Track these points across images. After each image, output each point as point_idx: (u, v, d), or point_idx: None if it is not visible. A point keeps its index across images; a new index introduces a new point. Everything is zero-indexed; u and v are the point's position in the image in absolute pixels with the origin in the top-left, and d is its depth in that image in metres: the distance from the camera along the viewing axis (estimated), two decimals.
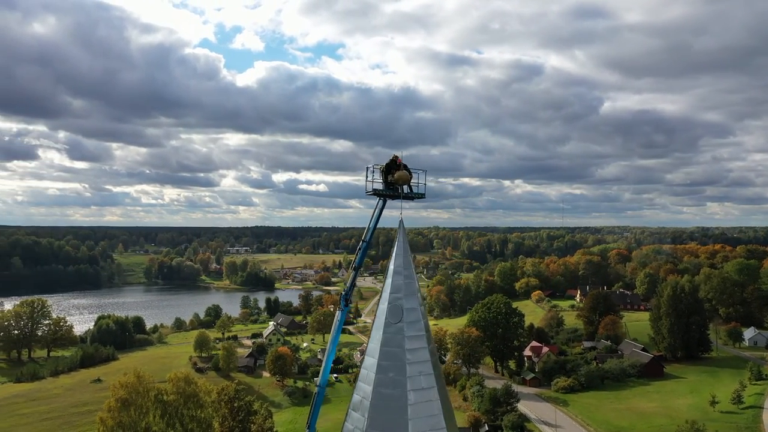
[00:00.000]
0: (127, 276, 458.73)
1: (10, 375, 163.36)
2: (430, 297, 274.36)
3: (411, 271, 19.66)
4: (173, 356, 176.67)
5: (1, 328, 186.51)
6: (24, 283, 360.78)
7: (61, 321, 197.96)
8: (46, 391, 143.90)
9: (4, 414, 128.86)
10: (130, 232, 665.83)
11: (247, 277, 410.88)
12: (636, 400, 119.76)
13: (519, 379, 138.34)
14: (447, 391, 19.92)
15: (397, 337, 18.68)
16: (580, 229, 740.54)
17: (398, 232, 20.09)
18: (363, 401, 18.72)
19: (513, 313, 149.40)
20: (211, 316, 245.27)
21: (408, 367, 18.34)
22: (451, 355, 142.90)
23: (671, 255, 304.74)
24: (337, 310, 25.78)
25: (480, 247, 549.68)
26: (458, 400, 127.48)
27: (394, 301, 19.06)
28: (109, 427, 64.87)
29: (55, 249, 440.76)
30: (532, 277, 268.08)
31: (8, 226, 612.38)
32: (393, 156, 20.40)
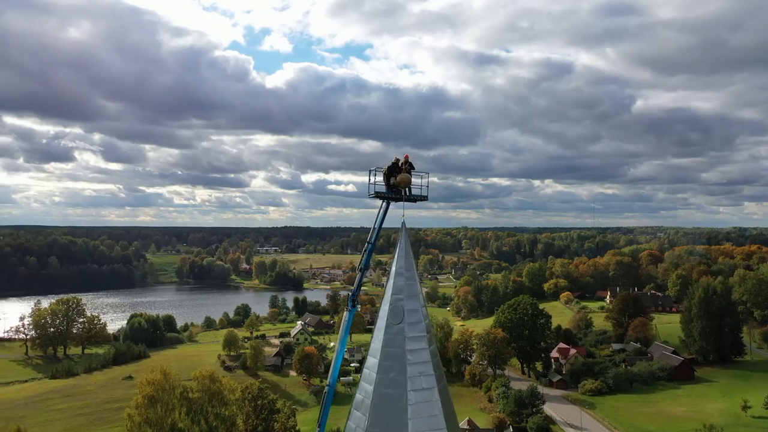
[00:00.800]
0: (159, 275, 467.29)
1: (46, 371, 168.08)
2: (458, 297, 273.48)
3: (413, 273, 19.93)
4: (202, 354, 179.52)
5: (38, 325, 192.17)
6: (61, 282, 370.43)
7: (95, 319, 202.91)
8: (80, 387, 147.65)
9: (40, 409, 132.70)
10: (162, 232, 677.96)
11: (276, 277, 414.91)
12: (665, 403, 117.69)
13: (545, 380, 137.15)
14: (449, 392, 20.14)
15: (398, 338, 18.98)
16: (611, 230, 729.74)
17: (400, 234, 20.35)
18: (365, 400, 19.07)
19: (540, 314, 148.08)
20: (240, 316, 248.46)
21: (408, 368, 18.62)
22: (477, 356, 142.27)
23: (705, 256, 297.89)
24: (345, 311, 26.15)
25: (509, 247, 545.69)
26: (483, 401, 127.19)
27: (395, 302, 19.36)
28: (136, 423, 66.47)
29: (91, 249, 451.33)
30: (560, 278, 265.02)
31: (46, 226, 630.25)
32: (395, 159, 20.68)
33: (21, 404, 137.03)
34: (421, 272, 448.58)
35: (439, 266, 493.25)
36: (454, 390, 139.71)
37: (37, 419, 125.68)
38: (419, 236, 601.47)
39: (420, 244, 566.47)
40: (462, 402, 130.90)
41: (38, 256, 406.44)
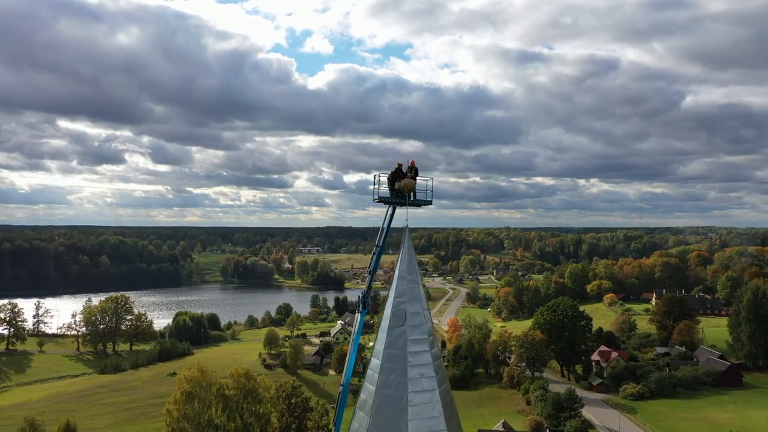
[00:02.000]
0: (204, 274, 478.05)
1: (96, 366, 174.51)
2: (498, 298, 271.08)
3: (415, 276, 20.31)
4: (244, 352, 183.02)
5: (89, 322, 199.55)
6: (111, 280, 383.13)
7: (141, 317, 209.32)
8: (126, 382, 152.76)
9: (90, 403, 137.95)
10: (208, 232, 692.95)
11: (317, 277, 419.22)
12: (710, 409, 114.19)
13: (585, 384, 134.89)
14: (452, 394, 20.40)
15: (399, 340, 19.38)
16: (660, 230, 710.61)
17: (404, 238, 20.72)
18: (367, 401, 19.54)
19: (580, 316, 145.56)
20: (282, 315, 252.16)
21: (410, 370, 19.00)
22: (515, 358, 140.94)
23: (756, 257, 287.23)
24: (356, 312, 26.64)
25: (552, 248, 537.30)
26: (521, 403, 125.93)
27: (397, 305, 19.76)
28: (174, 418, 68.55)
29: (139, 248, 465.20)
30: (604, 279, 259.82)
31: (98, 226, 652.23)
32: (398, 164, 21.09)
33: (72, 398, 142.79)
34: (463, 273, 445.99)
35: (481, 267, 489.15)
36: (492, 392, 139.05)
37: (86, 413, 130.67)
38: (461, 236, 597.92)
39: (461, 244, 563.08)
40: (500, 404, 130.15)
41: (90, 256, 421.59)
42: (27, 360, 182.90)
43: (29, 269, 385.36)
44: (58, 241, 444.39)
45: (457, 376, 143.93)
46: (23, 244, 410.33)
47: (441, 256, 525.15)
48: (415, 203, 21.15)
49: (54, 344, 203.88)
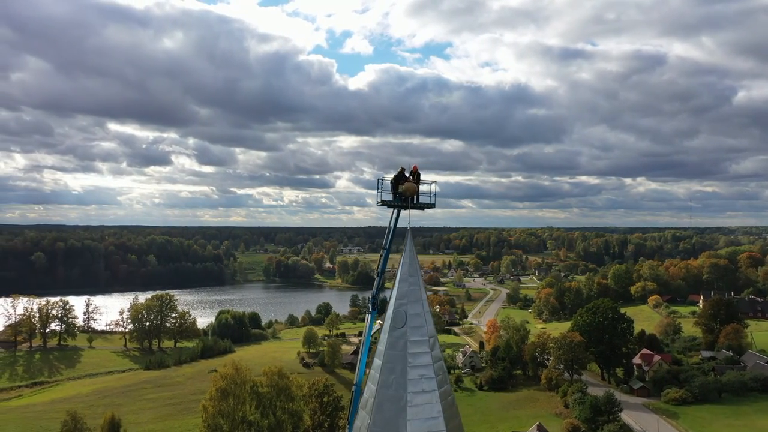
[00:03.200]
0: (247, 273, 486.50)
1: (142, 362, 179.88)
2: (539, 299, 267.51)
3: (417, 278, 20.60)
4: (283, 351, 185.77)
5: (135, 319, 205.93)
6: (158, 278, 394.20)
7: (185, 314, 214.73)
8: (170, 378, 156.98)
9: (134, 398, 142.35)
10: (251, 232, 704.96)
11: (358, 276, 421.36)
12: (756, 416, 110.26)
13: (626, 387, 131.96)
14: (453, 395, 20.58)
15: (400, 341, 19.73)
16: (711, 230, 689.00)
17: (406, 240, 21.03)
18: (369, 400, 19.94)
19: (621, 318, 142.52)
20: (322, 314, 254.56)
21: (409, 370, 19.32)
22: (553, 360, 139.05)
23: None
24: (367, 313, 27.04)
25: (597, 248, 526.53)
26: (559, 406, 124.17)
27: (398, 307, 20.12)
28: (210, 414, 70.38)
29: (185, 248, 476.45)
30: (649, 280, 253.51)
31: (147, 226, 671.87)
32: (401, 168, 21.43)
33: (118, 392, 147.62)
34: (504, 273, 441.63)
35: (522, 267, 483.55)
36: (529, 394, 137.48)
37: (131, 407, 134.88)
38: (502, 236, 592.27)
39: (503, 244, 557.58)
40: (537, 406, 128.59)
41: (138, 255, 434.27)
42: (77, 355, 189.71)
43: (81, 268, 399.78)
44: (108, 240, 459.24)
45: (494, 378, 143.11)
46: (75, 243, 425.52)
47: (482, 256, 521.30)
48: (417, 206, 21.44)
49: (103, 340, 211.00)
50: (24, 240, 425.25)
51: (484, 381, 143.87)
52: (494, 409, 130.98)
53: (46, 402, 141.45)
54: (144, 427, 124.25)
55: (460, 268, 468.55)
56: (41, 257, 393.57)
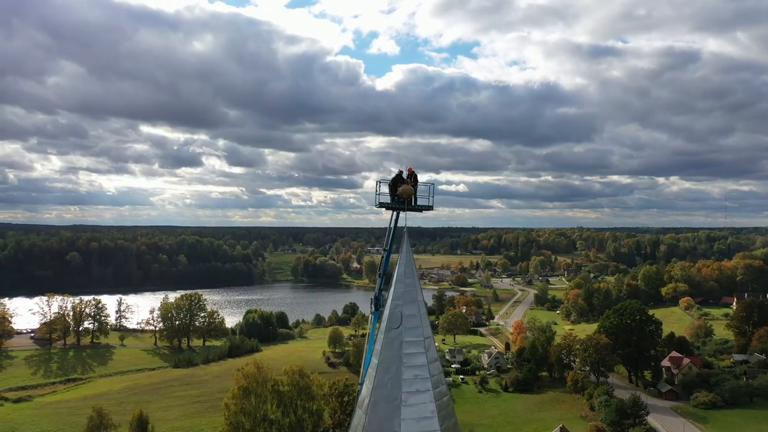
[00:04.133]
0: (276, 273, 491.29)
1: (171, 361, 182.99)
2: (567, 300, 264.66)
3: (413, 279, 20.81)
4: (309, 350, 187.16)
5: (165, 318, 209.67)
6: (188, 278, 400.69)
7: (214, 314, 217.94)
8: (197, 376, 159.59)
9: (163, 395, 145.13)
10: (280, 233, 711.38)
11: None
12: None
13: (654, 390, 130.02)
14: (449, 396, 20.69)
15: (396, 341, 19.97)
16: (747, 230, 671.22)
17: (403, 241, 21.26)
18: (365, 400, 20.23)
19: (649, 320, 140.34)
20: (348, 314, 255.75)
21: (404, 370, 19.55)
22: (579, 362, 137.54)
23: None
24: (370, 314, 27.29)
25: (628, 249, 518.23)
26: (585, 408, 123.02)
27: (394, 308, 20.34)
28: (232, 412, 71.58)
29: (215, 248, 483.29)
30: (680, 282, 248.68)
31: (178, 226, 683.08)
32: (399, 170, 21.71)
33: (148, 389, 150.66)
34: (532, 274, 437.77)
35: (551, 268, 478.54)
36: (555, 396, 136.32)
37: (160, 404, 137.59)
38: (531, 237, 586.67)
39: (532, 244, 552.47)
40: (562, 408, 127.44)
41: (169, 255, 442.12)
42: (109, 353, 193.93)
43: (114, 267, 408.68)
44: (141, 240, 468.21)
45: (519, 379, 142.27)
46: (109, 243, 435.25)
47: (510, 256, 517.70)
48: (415, 208, 21.69)
49: (134, 338, 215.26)
50: (60, 240, 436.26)
51: (509, 382, 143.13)
52: (519, 411, 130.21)
53: (79, 398, 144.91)
54: (172, 424, 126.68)
55: (488, 268, 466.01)
56: (76, 257, 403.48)
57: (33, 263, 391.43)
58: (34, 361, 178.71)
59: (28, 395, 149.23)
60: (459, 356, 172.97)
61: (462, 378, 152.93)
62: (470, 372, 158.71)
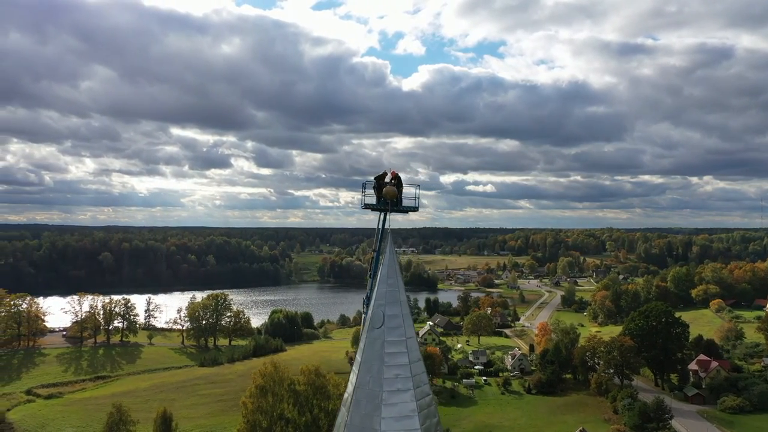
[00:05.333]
0: (302, 274, 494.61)
1: (197, 359, 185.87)
2: (594, 302, 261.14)
3: (395, 279, 21.04)
4: (333, 350, 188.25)
5: (192, 318, 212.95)
6: (216, 278, 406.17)
7: (240, 313, 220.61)
8: (222, 375, 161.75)
9: (188, 393, 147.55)
10: (307, 233, 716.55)
11: (410, 278, 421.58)
12: None
13: (680, 394, 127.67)
14: (431, 396, 20.80)
15: (378, 341, 20.23)
16: None
17: (386, 242, 21.51)
18: (348, 398, 20.55)
19: (675, 322, 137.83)
20: None
21: (385, 370, 19.78)
22: (603, 364, 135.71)
23: None
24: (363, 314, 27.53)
25: (659, 249, 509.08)
26: (608, 411, 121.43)
27: (377, 308, 20.62)
28: (250, 410, 72.60)
29: (242, 248, 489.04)
30: (711, 283, 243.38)
31: (207, 227, 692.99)
32: (383, 172, 22.01)
33: (173, 388, 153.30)
34: (560, 275, 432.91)
35: (580, 269, 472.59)
36: (578, 398, 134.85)
37: (185, 402, 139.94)
38: (559, 237, 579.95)
39: (560, 245, 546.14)
40: (585, 411, 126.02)
41: (198, 255, 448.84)
42: (138, 351, 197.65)
43: (144, 267, 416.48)
44: (170, 241, 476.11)
45: (543, 381, 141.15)
46: (139, 244, 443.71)
47: (538, 257, 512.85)
48: (401, 210, 21.97)
49: (162, 337, 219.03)
50: (92, 240, 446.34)
51: (532, 384, 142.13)
52: (542, 414, 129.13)
53: (107, 395, 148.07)
54: (196, 422, 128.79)
55: (515, 269, 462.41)
56: (108, 257, 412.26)
57: (67, 263, 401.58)
58: (66, 359, 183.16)
59: (58, 392, 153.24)
60: (482, 357, 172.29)
61: (485, 379, 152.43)
62: (493, 373, 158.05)
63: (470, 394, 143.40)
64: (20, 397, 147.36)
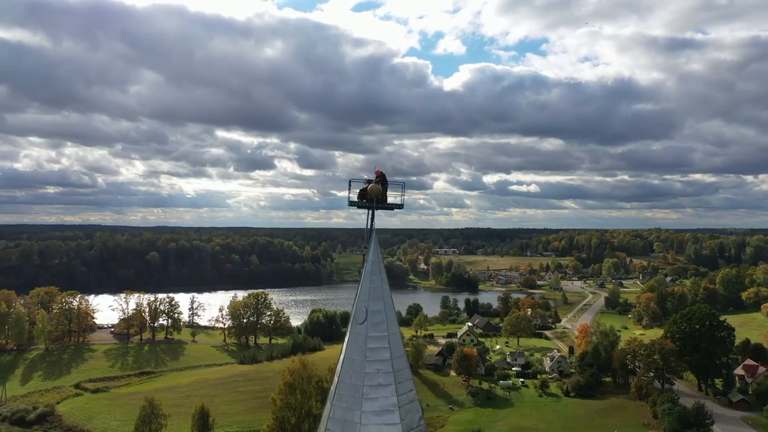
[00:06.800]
0: (344, 274, 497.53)
1: (238, 357, 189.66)
2: (639, 304, 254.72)
3: (379, 276, 21.35)
4: None
5: (234, 316, 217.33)
6: (259, 278, 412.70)
7: (280, 312, 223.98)
8: (261, 373, 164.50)
9: (227, 390, 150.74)
10: (349, 234, 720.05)
11: (451, 278, 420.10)
12: None
13: (724, 399, 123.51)
14: (414, 391, 20.97)
15: (360, 336, 20.58)
16: None
17: (370, 240, 21.82)
18: (332, 392, 20.94)
19: (720, 326, 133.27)
20: (412, 314, 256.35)
21: (367, 364, 20.11)
22: (643, 368, 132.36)
23: None
24: None
25: (710, 251, 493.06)
26: (648, 416, 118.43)
27: (360, 303, 20.98)
28: (278, 406, 73.87)
29: (285, 248, 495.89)
30: (763, 286, 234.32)
31: (252, 227, 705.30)
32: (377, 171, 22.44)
33: (214, 384, 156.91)
34: (605, 276, 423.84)
35: (626, 270, 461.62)
36: (618, 402, 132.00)
37: (224, 398, 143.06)
38: (604, 238, 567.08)
39: (605, 246, 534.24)
40: (624, 416, 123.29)
41: (241, 255, 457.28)
42: (181, 348, 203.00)
43: (190, 267, 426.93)
44: (215, 241, 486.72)
45: (581, 384, 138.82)
46: (185, 244, 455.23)
47: (582, 258, 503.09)
48: (386, 207, 22.24)
49: (205, 335, 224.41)
50: (141, 241, 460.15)
51: (570, 387, 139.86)
52: (579, 417, 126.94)
53: (150, 390, 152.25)
54: (234, 418, 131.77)
55: (558, 270, 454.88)
56: (156, 257, 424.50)
57: (117, 262, 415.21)
58: (113, 355, 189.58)
59: (105, 386, 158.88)
60: (520, 359, 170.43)
61: (522, 381, 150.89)
62: (531, 375, 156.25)
63: (507, 395, 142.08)
64: (69, 391, 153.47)
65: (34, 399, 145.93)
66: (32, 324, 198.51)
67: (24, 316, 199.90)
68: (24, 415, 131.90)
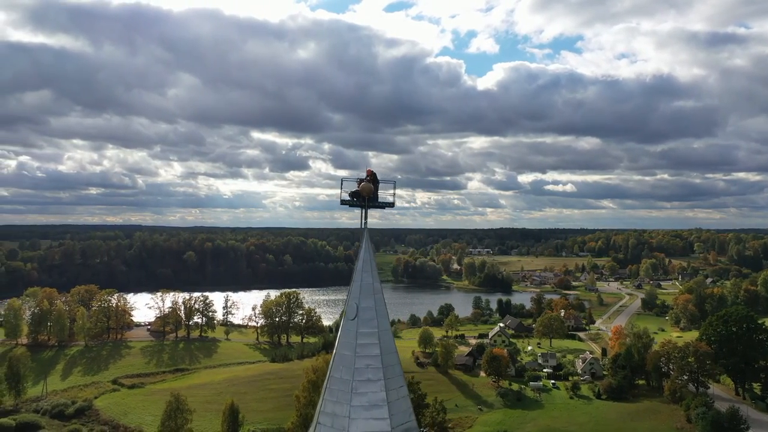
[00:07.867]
0: None
1: (269, 355, 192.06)
2: (676, 306, 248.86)
3: (370, 273, 21.71)
4: (400, 350, 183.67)
5: (266, 315, 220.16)
6: (293, 277, 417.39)
7: (311, 311, 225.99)
8: (291, 371, 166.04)
9: (258, 387, 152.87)
10: (382, 233, 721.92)
11: (484, 278, 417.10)
12: None
13: (763, 404, 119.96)
14: (404, 387, 21.23)
15: (351, 332, 20.99)
16: None
17: (363, 238, 22.15)
18: (324, 386, 21.37)
19: (758, 328, 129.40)
20: (443, 315, 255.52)
21: (357, 360, 20.50)
22: (676, 371, 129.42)
23: None
24: None
25: (753, 251, 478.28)
26: (681, 420, 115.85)
27: (351, 300, 21.37)
28: (302, 404, 74.78)
29: (318, 248, 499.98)
30: None
31: (287, 227, 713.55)
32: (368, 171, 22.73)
33: (245, 382, 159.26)
34: (642, 277, 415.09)
35: (665, 271, 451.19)
36: (651, 405, 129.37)
37: (254, 396, 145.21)
38: (642, 238, 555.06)
39: (643, 246, 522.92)
40: (657, 419, 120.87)
41: (276, 255, 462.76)
42: (215, 346, 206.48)
43: (226, 266, 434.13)
44: (250, 241, 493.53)
45: (613, 386, 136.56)
46: (221, 243, 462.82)
47: (619, 259, 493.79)
48: (378, 205, 22.53)
49: (238, 333, 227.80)
50: (178, 240, 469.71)
51: (602, 389, 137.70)
52: (611, 420, 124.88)
53: (184, 387, 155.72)
54: (264, 415, 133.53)
55: (594, 271, 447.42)
56: (192, 256, 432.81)
57: (155, 261, 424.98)
58: (149, 351, 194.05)
59: (141, 382, 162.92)
60: (552, 360, 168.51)
61: (553, 383, 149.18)
62: (563, 377, 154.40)
63: (537, 397, 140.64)
64: (106, 386, 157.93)
65: (73, 394, 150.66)
66: (72, 321, 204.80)
67: (65, 313, 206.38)
68: (63, 409, 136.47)
